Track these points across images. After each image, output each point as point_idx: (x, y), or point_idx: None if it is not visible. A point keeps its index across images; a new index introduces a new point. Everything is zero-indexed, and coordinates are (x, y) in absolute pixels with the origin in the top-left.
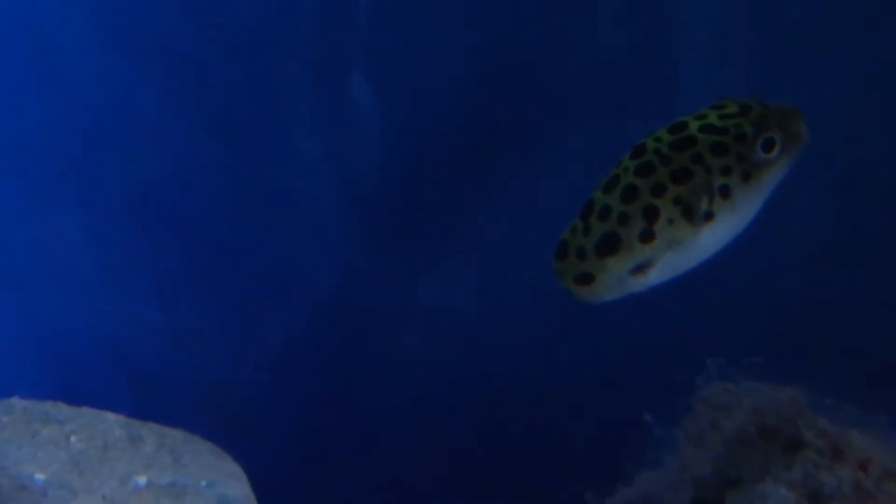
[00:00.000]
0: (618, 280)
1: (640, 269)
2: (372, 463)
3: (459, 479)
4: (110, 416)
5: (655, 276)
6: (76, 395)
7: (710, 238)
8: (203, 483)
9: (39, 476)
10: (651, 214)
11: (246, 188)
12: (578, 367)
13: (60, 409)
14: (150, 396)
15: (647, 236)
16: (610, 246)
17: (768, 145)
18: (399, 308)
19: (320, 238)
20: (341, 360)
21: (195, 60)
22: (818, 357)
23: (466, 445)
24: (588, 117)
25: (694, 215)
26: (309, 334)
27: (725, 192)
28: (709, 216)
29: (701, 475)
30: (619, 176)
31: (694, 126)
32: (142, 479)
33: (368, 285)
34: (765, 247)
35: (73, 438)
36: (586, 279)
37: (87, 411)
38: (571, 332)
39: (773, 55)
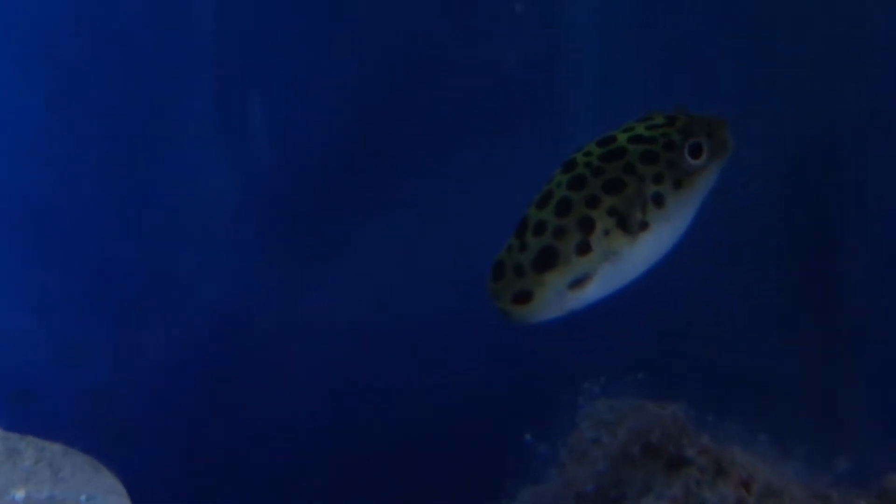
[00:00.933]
0: (556, 295)
1: (578, 283)
2: (254, 475)
3: (342, 491)
4: None
5: (593, 290)
6: None
7: (646, 248)
8: (82, 497)
9: None
10: (587, 226)
11: (129, 197)
12: (462, 383)
13: None
14: (28, 409)
15: (583, 248)
16: (548, 260)
17: (696, 150)
18: (285, 319)
19: (205, 249)
20: (224, 372)
21: (81, 68)
22: (700, 374)
23: (350, 458)
24: (479, 129)
25: (629, 225)
26: (192, 346)
27: (658, 201)
28: (644, 225)
29: (583, 491)
30: (551, 191)
31: (622, 138)
32: (20, 494)
33: (254, 296)
34: None
35: None
36: (524, 297)
37: None
38: (456, 350)
39: (664, 64)
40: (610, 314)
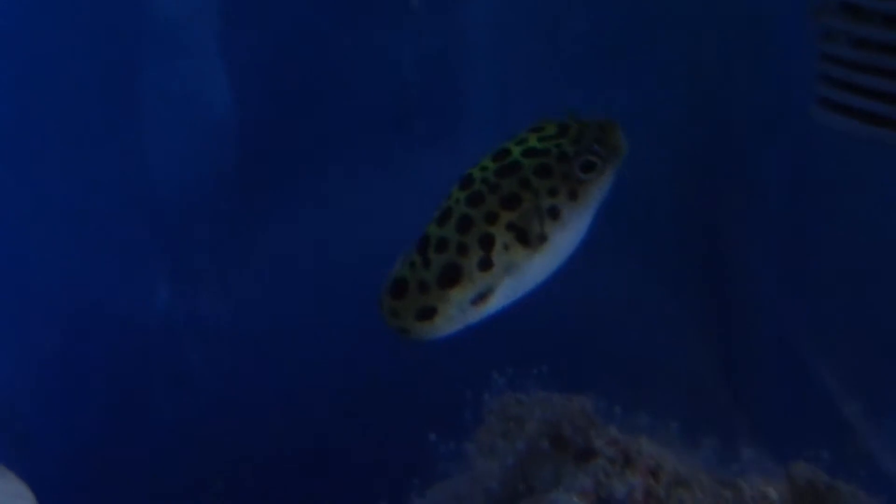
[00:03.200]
0: (459, 311)
1: (480, 298)
2: (159, 477)
3: (250, 494)
4: None
5: (494, 303)
6: None
7: (546, 259)
8: None
9: None
10: (487, 242)
11: (25, 198)
12: (369, 384)
13: None
14: None
15: (485, 264)
16: (451, 276)
17: (588, 164)
18: (188, 323)
19: (106, 252)
20: (127, 374)
21: None
22: (607, 366)
23: (257, 460)
24: (378, 128)
25: (529, 239)
26: (94, 348)
27: (555, 213)
28: (542, 238)
29: (492, 486)
30: (451, 208)
31: (517, 151)
32: None
33: (153, 300)
34: None
35: None
36: (428, 314)
37: None
38: (361, 350)
39: (560, 64)
40: (514, 308)
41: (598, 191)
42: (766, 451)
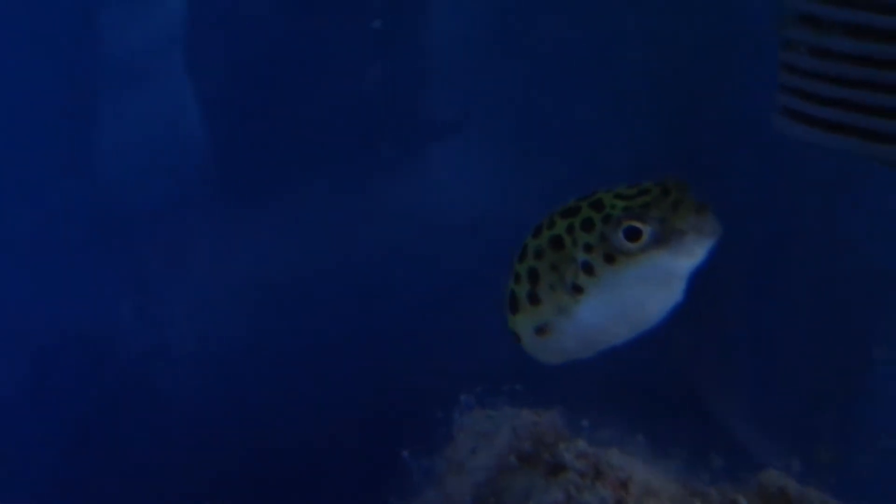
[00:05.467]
0: (530, 337)
1: (540, 330)
2: (127, 498)
3: None
4: None
5: (566, 341)
6: None
7: (589, 312)
8: None
9: None
10: (533, 277)
11: None
12: (340, 402)
13: None
14: None
15: (532, 298)
16: (511, 303)
17: (632, 233)
18: (147, 340)
19: (63, 273)
20: (87, 388)
21: None
22: (575, 380)
23: (225, 479)
24: (344, 144)
25: (565, 284)
26: (55, 359)
27: (588, 269)
28: (577, 289)
29: (464, 502)
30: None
31: (594, 199)
32: None
33: (118, 318)
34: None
35: None
36: (515, 336)
37: None
38: (332, 368)
39: (526, 80)
40: (481, 324)
41: (642, 267)
42: (737, 460)
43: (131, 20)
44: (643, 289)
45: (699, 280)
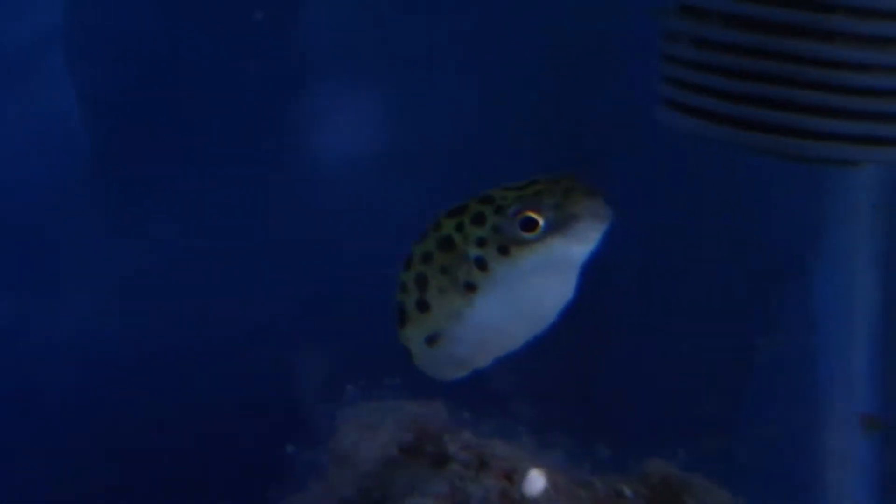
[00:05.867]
0: (423, 350)
1: (432, 340)
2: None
3: None
4: None
5: (461, 349)
6: None
7: (483, 312)
8: None
9: None
10: (422, 283)
11: None
12: (224, 396)
13: None
14: None
15: (422, 305)
16: (400, 315)
17: (527, 223)
18: (30, 339)
19: None
20: None
21: None
22: None
23: (111, 477)
24: (222, 140)
25: (457, 285)
26: None
27: (482, 264)
28: (470, 287)
29: (348, 494)
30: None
31: (481, 196)
32: None
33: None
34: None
35: None
36: (406, 351)
37: None
38: (215, 363)
39: (405, 75)
40: (363, 316)
41: (539, 256)
42: (623, 450)
43: (9, 18)
44: (539, 280)
45: (585, 270)
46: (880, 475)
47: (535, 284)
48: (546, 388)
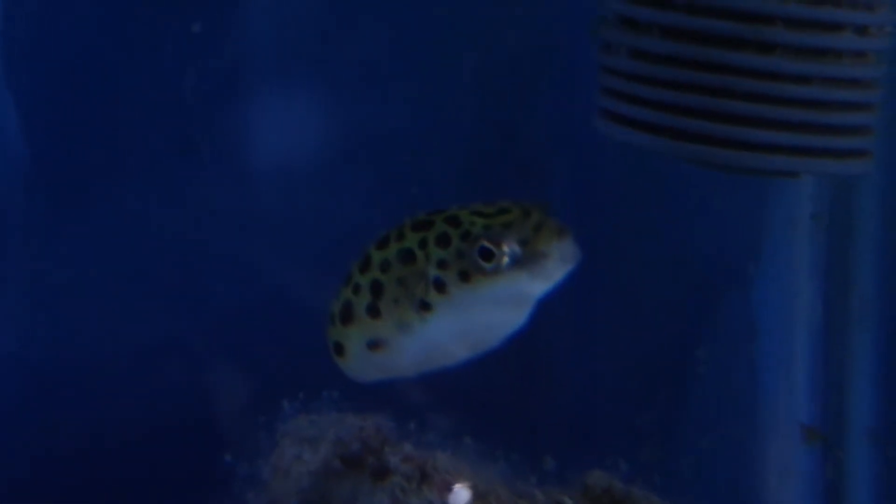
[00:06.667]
0: (360, 350)
1: (374, 345)
2: None
3: None
4: None
5: (401, 359)
6: None
7: (434, 330)
8: None
9: None
10: (376, 289)
11: None
12: (162, 408)
13: None
14: None
15: (372, 310)
16: (346, 314)
17: (486, 253)
18: None
19: None
20: None
21: None
22: (401, 385)
23: (54, 491)
24: (163, 149)
25: (412, 299)
26: None
27: (440, 286)
28: (425, 306)
29: None
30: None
31: (446, 215)
32: None
33: None
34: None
35: None
36: (338, 348)
37: None
38: (145, 375)
39: (347, 89)
40: (302, 329)
41: (499, 287)
42: (565, 463)
43: None
44: (494, 309)
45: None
46: (822, 485)
47: (490, 312)
48: (489, 400)
